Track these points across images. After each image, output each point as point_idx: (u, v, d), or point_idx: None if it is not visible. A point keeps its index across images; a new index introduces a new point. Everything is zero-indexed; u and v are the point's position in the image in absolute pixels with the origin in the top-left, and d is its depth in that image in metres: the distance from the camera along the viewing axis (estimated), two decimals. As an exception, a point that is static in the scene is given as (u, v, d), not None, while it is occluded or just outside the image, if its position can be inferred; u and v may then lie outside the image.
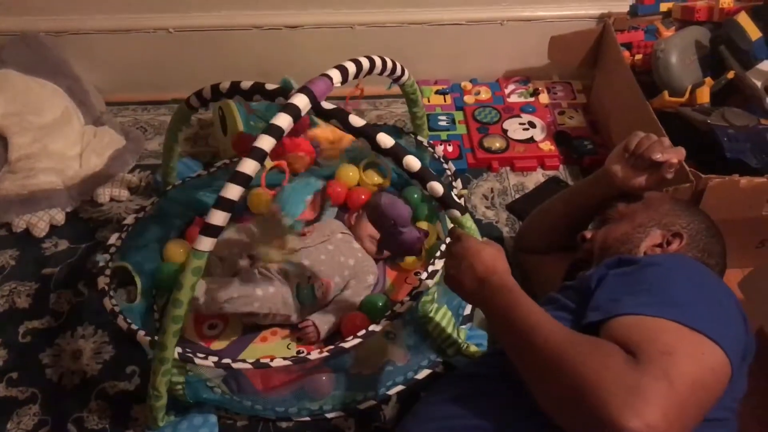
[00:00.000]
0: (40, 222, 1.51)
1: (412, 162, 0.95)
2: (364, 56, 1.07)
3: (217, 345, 1.31)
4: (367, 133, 0.96)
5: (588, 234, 1.12)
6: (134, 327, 1.12)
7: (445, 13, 1.82)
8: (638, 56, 1.65)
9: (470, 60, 1.95)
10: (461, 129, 1.81)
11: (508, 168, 1.72)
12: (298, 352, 1.28)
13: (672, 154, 1.08)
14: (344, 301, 1.32)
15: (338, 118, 0.98)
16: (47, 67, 1.71)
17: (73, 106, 1.72)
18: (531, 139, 1.76)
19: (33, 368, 1.29)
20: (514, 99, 1.91)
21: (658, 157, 1.07)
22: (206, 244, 0.90)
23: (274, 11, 1.79)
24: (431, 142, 1.54)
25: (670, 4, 1.70)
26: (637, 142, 1.11)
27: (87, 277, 1.43)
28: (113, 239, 1.33)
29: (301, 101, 0.95)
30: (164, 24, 1.78)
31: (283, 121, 0.93)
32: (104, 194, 1.59)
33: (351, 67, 1.03)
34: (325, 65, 1.87)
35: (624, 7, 1.75)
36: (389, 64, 1.18)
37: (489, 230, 1.56)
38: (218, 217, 0.89)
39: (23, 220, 1.52)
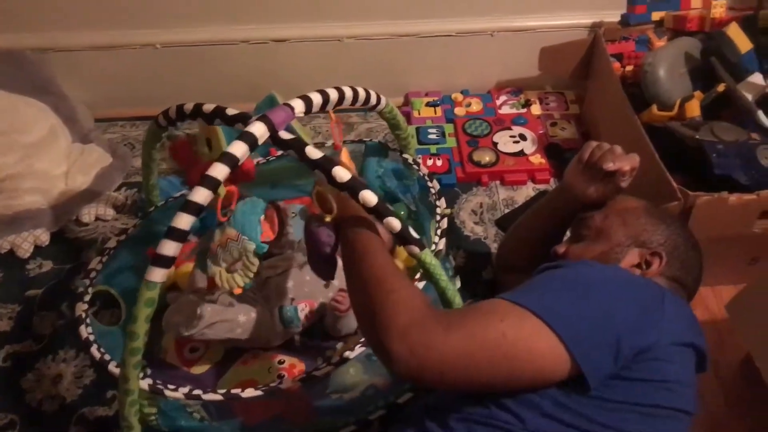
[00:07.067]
0: (24, 243, 1.51)
1: (369, 197, 0.93)
2: (334, 87, 1.04)
3: (198, 368, 1.30)
4: (323, 167, 0.94)
5: (561, 249, 1.10)
6: (107, 357, 1.11)
7: (434, 24, 1.80)
8: (629, 67, 1.62)
9: (461, 71, 1.93)
10: (451, 142, 1.78)
11: (497, 182, 1.70)
12: (279, 376, 1.27)
13: (624, 162, 1.07)
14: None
15: (295, 148, 0.96)
16: (33, 85, 1.71)
17: (60, 123, 1.71)
18: (521, 153, 1.73)
19: (13, 394, 1.28)
20: (505, 110, 1.88)
21: (610, 166, 1.06)
22: (158, 275, 0.89)
23: (261, 25, 1.78)
24: (418, 158, 1.51)
25: (662, 14, 1.67)
26: (589, 152, 1.10)
27: (70, 298, 1.42)
28: (94, 263, 1.32)
29: (259, 129, 0.93)
30: (150, 40, 1.77)
31: (238, 149, 0.90)
32: (89, 214, 1.59)
33: (316, 98, 1.00)
34: (314, 78, 1.87)
35: (615, 17, 1.72)
36: (362, 94, 1.14)
37: (477, 246, 1.53)
38: (170, 248, 0.88)
39: (7, 242, 1.51)
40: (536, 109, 1.88)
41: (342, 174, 0.96)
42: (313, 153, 0.98)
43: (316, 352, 1.31)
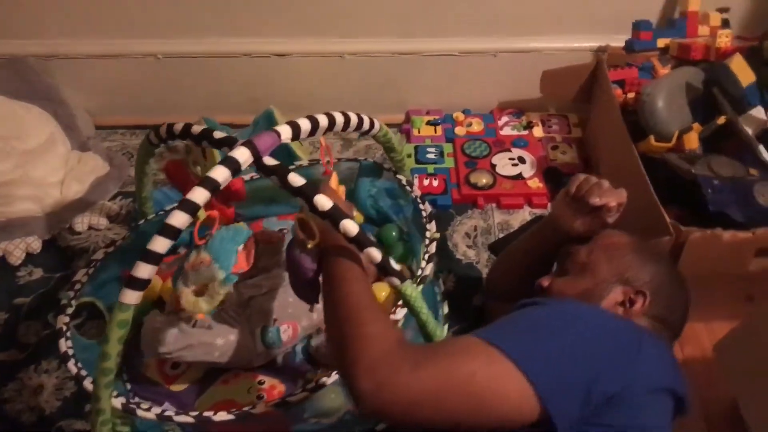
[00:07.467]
0: (16, 250, 1.51)
1: (350, 226, 0.91)
2: (324, 113, 1.02)
3: (179, 385, 1.29)
4: (305, 194, 0.93)
5: (545, 282, 1.08)
6: (83, 373, 1.10)
7: (436, 43, 1.79)
8: (631, 94, 1.59)
9: (463, 90, 1.91)
10: (449, 162, 1.76)
11: (494, 205, 1.68)
12: (259, 397, 1.26)
13: (610, 198, 1.05)
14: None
15: (278, 175, 0.95)
16: (34, 92, 1.72)
17: (59, 130, 1.72)
18: (519, 176, 1.71)
19: (-7, 404, 1.28)
20: (506, 132, 1.86)
21: (596, 201, 1.04)
22: (131, 297, 0.88)
23: (262, 39, 1.78)
24: (413, 178, 1.50)
25: (667, 40, 1.64)
26: (576, 185, 1.08)
27: (57, 308, 1.41)
28: (80, 275, 1.32)
29: (242, 155, 0.92)
30: (152, 50, 1.78)
31: (220, 174, 0.89)
32: (82, 222, 1.59)
33: (305, 125, 0.99)
34: (314, 93, 1.87)
35: (620, 41, 1.69)
36: (353, 120, 1.11)
37: (468, 271, 1.51)
38: (144, 271, 0.87)
39: (-1, 248, 1.52)
40: (538, 131, 1.86)
41: (323, 202, 0.95)
42: (296, 180, 0.97)
43: (298, 373, 1.30)
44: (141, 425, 1.11)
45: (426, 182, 1.70)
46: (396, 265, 0.98)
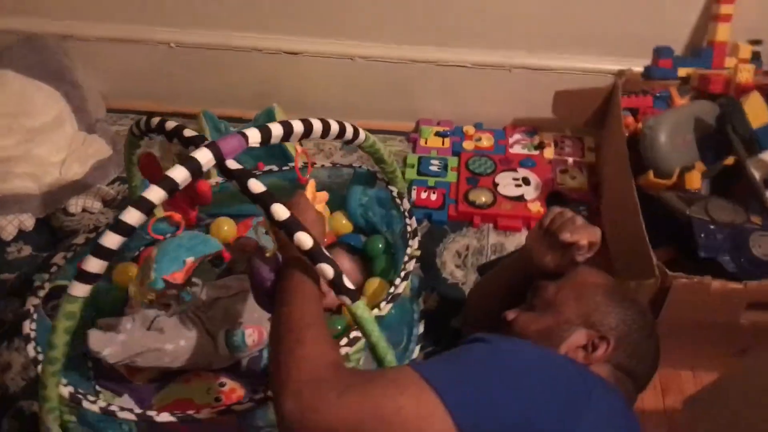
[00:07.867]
0: (9, 225, 1.53)
1: (304, 239, 0.89)
2: (300, 119, 0.99)
3: (139, 380, 1.28)
4: (263, 201, 0.91)
5: (510, 316, 1.04)
6: (40, 358, 1.11)
7: (448, 53, 1.74)
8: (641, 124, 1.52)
9: (475, 104, 1.86)
10: (452, 177, 1.72)
11: (490, 225, 1.62)
12: (217, 399, 1.25)
13: (582, 236, 0.99)
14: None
15: (239, 180, 0.93)
16: (48, 71, 1.74)
17: (68, 111, 1.74)
18: (521, 198, 1.65)
19: (-40, 378, 1.30)
20: (516, 150, 1.80)
21: (566, 237, 0.99)
22: (80, 290, 0.87)
23: (274, 36, 1.77)
24: (412, 189, 1.45)
25: (690, 70, 1.57)
26: (550, 219, 1.04)
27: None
28: (58, 258, 1.33)
29: (204, 157, 0.90)
30: (166, 38, 1.79)
31: (179, 174, 0.88)
32: (77, 204, 1.60)
33: (276, 130, 0.96)
34: (322, 94, 1.85)
35: (640, 66, 1.62)
36: (334, 128, 1.07)
37: (452, 292, 1.47)
38: (94, 265, 0.86)
39: (-8, 222, 1.54)
40: (549, 152, 1.79)
41: (280, 212, 0.93)
42: (255, 187, 0.95)
43: (261, 379, 1.29)
44: (93, 416, 1.11)
45: (424, 195, 1.66)
46: (349, 284, 0.95)
